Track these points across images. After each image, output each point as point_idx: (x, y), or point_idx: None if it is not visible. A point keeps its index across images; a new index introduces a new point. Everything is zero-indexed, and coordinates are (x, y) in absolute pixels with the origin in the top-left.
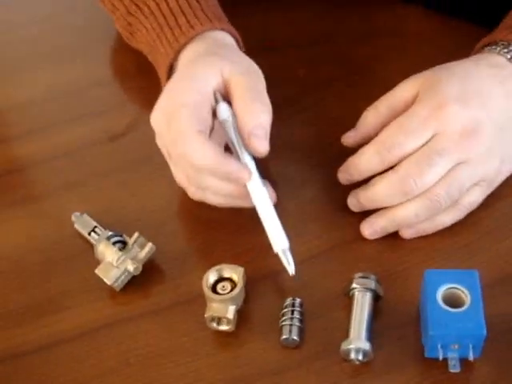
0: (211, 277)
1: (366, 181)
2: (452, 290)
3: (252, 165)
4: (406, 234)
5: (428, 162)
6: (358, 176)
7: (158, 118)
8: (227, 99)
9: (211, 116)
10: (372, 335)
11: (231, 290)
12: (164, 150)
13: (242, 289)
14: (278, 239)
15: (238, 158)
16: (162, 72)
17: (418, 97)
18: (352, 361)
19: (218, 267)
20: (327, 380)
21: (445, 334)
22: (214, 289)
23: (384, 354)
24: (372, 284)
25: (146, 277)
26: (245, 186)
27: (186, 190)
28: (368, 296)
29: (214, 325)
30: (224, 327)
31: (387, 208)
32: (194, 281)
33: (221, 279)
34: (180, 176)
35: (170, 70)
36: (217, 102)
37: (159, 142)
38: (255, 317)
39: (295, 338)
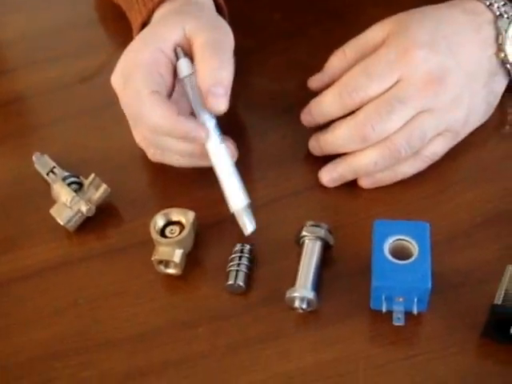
0: (159, 220)
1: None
2: (401, 241)
3: (211, 123)
4: (365, 183)
5: (388, 109)
6: (320, 118)
7: (116, 79)
8: (191, 57)
9: (170, 75)
10: (320, 285)
11: (179, 234)
12: (125, 111)
13: (189, 233)
14: (235, 198)
15: (197, 117)
16: (134, 31)
17: (386, 40)
18: (296, 309)
19: (166, 211)
20: (271, 326)
21: (389, 286)
22: (162, 232)
23: (331, 304)
24: (322, 233)
25: (101, 219)
26: (203, 145)
27: (146, 152)
28: (318, 245)
29: (162, 268)
30: (171, 270)
31: (346, 155)
32: (148, 224)
33: (170, 223)
34: (139, 137)
35: (142, 29)
36: (178, 58)
37: (120, 102)
38: (205, 262)
39: (241, 283)
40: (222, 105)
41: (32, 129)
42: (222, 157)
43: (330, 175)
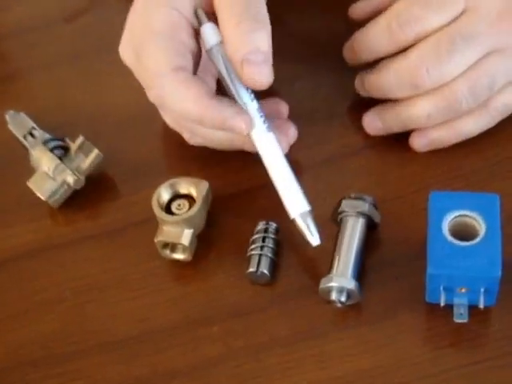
0: (164, 193)
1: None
2: (464, 218)
3: (252, 105)
4: (417, 144)
5: (449, 48)
6: (364, 55)
7: (126, 52)
8: (214, 20)
9: (194, 40)
10: (363, 273)
11: (189, 210)
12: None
13: (201, 208)
14: (295, 201)
15: (234, 99)
16: None
17: None
18: (334, 302)
19: (172, 181)
20: (302, 325)
21: (448, 274)
22: (168, 208)
23: (376, 296)
24: (366, 207)
25: (92, 192)
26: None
27: (183, 136)
28: (360, 223)
29: (168, 252)
30: (179, 256)
31: (395, 102)
32: (151, 198)
33: (177, 196)
34: (169, 119)
35: None
36: (200, 23)
37: (135, 75)
38: (219, 244)
39: (265, 271)
40: (263, 76)
41: (4, 80)
42: (271, 149)
43: (373, 122)
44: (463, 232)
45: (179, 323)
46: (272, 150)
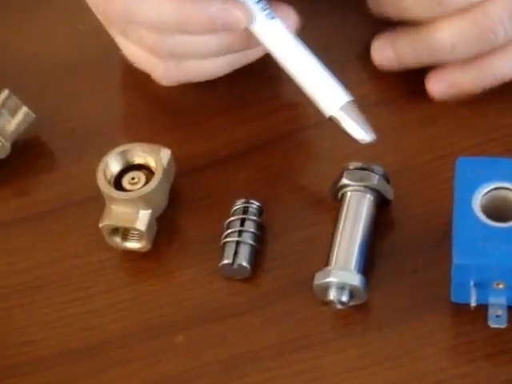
0: (113, 163)
1: None
2: (502, 191)
3: None
4: (435, 87)
5: None
6: None
7: None
8: None
9: None
10: (370, 265)
11: (145, 185)
12: (100, 17)
13: (163, 182)
14: (331, 92)
15: None
16: None
17: None
18: (333, 303)
19: (124, 147)
20: (292, 332)
21: (481, 264)
22: (118, 183)
23: (387, 295)
24: (374, 180)
25: (19, 163)
26: (245, 31)
27: (153, 75)
28: (367, 200)
29: (118, 240)
30: (133, 244)
31: (413, 26)
32: (95, 170)
33: (130, 167)
34: (135, 51)
35: None
36: None
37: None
38: (185, 230)
39: (244, 263)
40: None
41: None
42: (284, 39)
43: (383, 50)
44: (500, 209)
45: (134, 331)
46: (285, 40)
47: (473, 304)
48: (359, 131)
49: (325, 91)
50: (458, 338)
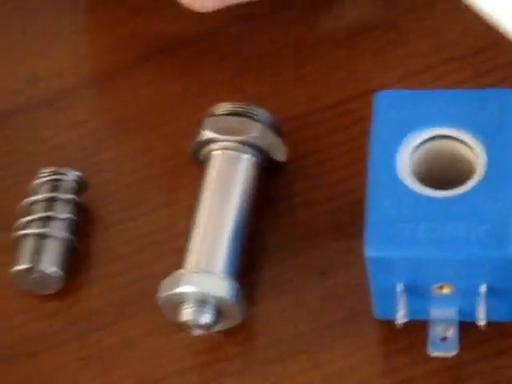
0: None
1: None
2: (441, 141)
3: None
4: None
5: None
6: None
7: None
8: None
9: None
10: (250, 267)
11: None
12: None
13: None
14: None
15: None
16: None
17: None
18: (189, 327)
19: None
20: (124, 376)
21: (409, 256)
22: None
23: (275, 313)
24: (256, 131)
25: None
26: None
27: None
28: (244, 163)
29: None
30: None
31: None
32: None
33: None
34: None
35: None
36: None
37: None
38: None
39: (51, 269)
40: None
41: None
42: None
43: None
44: (441, 171)
45: None
46: None
47: (400, 321)
48: None
49: None
50: (386, 376)
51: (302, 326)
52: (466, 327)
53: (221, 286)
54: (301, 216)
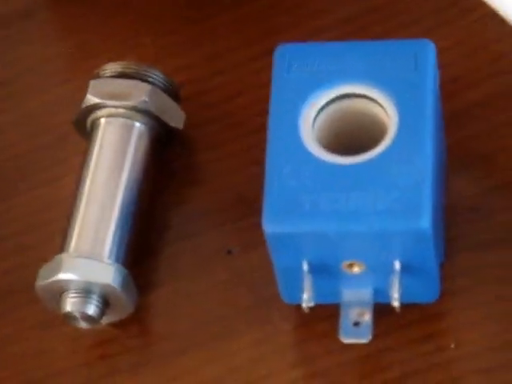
0: None
1: None
2: (348, 101)
3: None
4: None
5: None
6: None
7: None
8: None
9: None
10: (145, 250)
11: None
12: None
13: None
14: None
15: None
16: None
17: None
18: (72, 320)
19: None
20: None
21: (313, 230)
22: None
23: (175, 300)
24: (145, 96)
25: None
26: None
27: None
28: (135, 131)
29: None
30: None
31: None
32: None
33: None
34: None
35: None
36: None
37: None
38: None
39: None
40: None
41: None
42: None
43: None
44: (351, 135)
45: None
46: None
47: (306, 304)
48: None
49: None
50: (298, 368)
51: (204, 314)
52: (385, 311)
53: (106, 273)
54: (203, 190)
